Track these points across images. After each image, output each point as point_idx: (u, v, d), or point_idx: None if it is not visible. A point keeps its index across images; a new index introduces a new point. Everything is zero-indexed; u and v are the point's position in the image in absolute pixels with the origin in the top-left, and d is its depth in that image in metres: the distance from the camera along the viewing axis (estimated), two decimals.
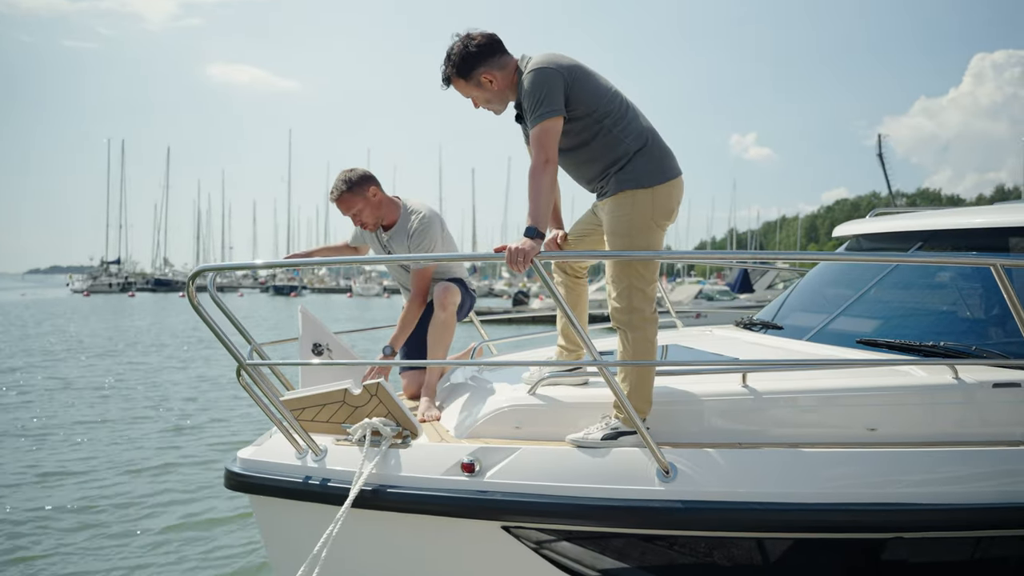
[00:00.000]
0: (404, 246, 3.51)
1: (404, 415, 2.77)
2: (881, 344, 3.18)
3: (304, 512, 2.73)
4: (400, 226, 3.53)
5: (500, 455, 2.55)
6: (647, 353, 2.60)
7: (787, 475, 2.43)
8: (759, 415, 2.63)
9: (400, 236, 3.53)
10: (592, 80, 2.62)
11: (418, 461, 2.62)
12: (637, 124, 2.64)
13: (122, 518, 5.34)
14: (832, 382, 2.69)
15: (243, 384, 2.68)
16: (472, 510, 2.51)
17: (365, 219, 3.44)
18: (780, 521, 2.39)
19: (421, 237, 3.47)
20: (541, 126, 2.51)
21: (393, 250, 3.55)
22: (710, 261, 6.14)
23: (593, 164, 2.67)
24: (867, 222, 4.26)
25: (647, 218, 2.59)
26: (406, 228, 3.51)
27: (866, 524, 2.40)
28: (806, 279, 4.50)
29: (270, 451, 2.85)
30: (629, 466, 2.47)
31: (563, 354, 3.01)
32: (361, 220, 3.45)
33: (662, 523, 2.41)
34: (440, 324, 3.36)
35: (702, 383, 2.75)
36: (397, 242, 3.54)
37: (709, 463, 2.45)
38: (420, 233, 3.47)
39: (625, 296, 2.58)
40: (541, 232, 2.45)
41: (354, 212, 3.41)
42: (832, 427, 2.62)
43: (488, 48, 2.68)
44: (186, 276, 37.14)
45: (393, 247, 3.55)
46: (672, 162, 2.66)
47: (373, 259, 3.01)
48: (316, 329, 3.35)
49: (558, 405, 2.73)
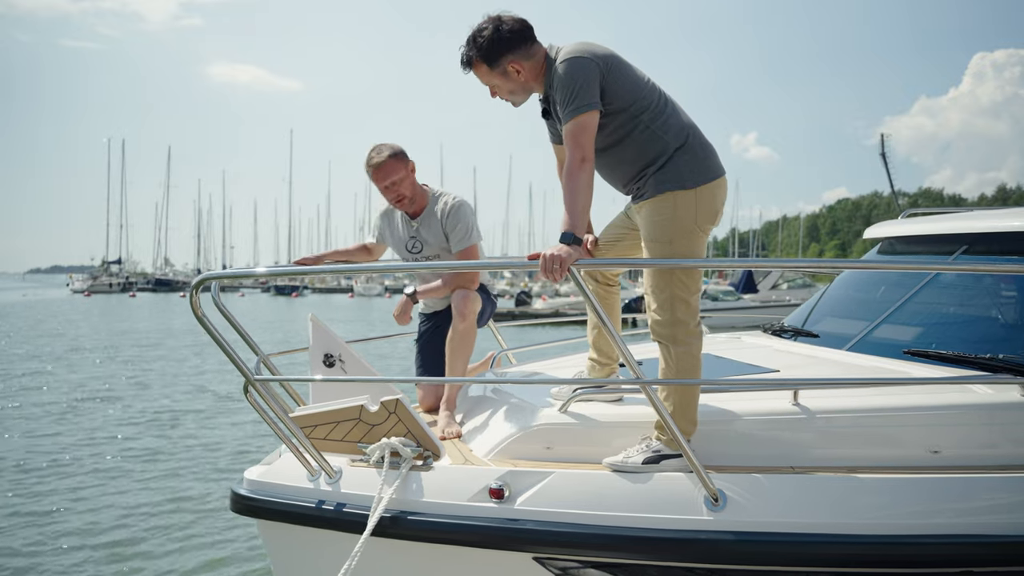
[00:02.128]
0: (437, 232, 3.34)
1: (425, 434, 2.56)
2: (932, 356, 2.97)
3: (318, 539, 2.52)
4: (429, 211, 3.36)
5: (531, 480, 2.34)
6: (692, 369, 2.39)
7: (847, 503, 2.22)
8: (812, 436, 2.42)
9: (430, 221, 3.36)
10: (629, 71, 2.41)
11: (442, 485, 2.41)
12: (677, 120, 2.43)
13: (120, 540, 5.10)
14: (890, 400, 2.48)
15: (251, 401, 2.48)
16: (501, 540, 2.30)
17: (404, 190, 3.25)
18: (841, 555, 2.17)
19: (457, 217, 3.30)
20: (576, 121, 2.30)
21: (423, 238, 3.38)
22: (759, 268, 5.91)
23: (629, 164, 2.45)
24: (901, 224, 4.04)
25: (690, 222, 2.37)
26: (436, 212, 3.34)
27: (933, 558, 2.19)
28: (837, 283, 4.28)
29: (280, 472, 2.63)
30: (674, 493, 2.26)
31: (595, 368, 2.79)
32: (399, 191, 3.25)
33: (712, 556, 2.20)
34: (460, 334, 3.15)
35: (747, 400, 2.54)
36: (427, 228, 3.36)
37: (761, 490, 2.24)
38: (455, 212, 3.30)
39: (667, 308, 2.37)
40: (579, 238, 2.23)
41: (394, 180, 3.21)
42: (891, 449, 2.41)
43: (519, 35, 2.46)
44: (187, 276, 37.33)
45: (423, 235, 3.38)
46: (715, 160, 2.45)
47: (398, 267, 2.80)
48: (327, 339, 3.14)
49: (592, 424, 2.53)
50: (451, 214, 3.32)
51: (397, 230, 3.47)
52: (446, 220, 3.33)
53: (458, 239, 3.32)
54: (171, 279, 71.40)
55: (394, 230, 3.48)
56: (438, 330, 3.54)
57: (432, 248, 3.38)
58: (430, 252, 3.39)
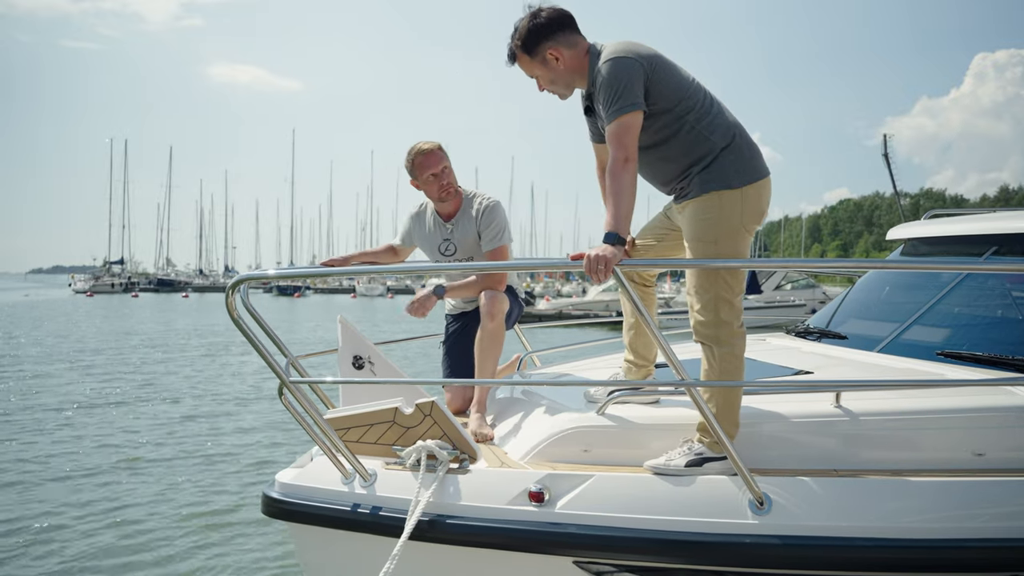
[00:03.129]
0: (471, 233, 3.34)
1: (462, 437, 2.53)
2: (967, 357, 2.94)
3: (352, 543, 2.49)
4: (464, 212, 3.37)
5: (571, 483, 2.31)
6: (735, 371, 2.36)
7: (894, 507, 2.19)
8: (856, 439, 2.40)
9: (465, 222, 3.36)
10: (674, 72, 2.38)
11: (480, 488, 2.38)
12: (723, 119, 2.40)
13: (144, 544, 5.06)
14: (933, 402, 2.46)
15: (285, 403, 2.46)
16: (542, 544, 2.28)
17: (450, 179, 3.30)
18: (889, 559, 2.15)
19: (490, 217, 3.32)
20: (620, 121, 2.28)
21: (457, 240, 3.37)
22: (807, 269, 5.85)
23: (673, 163, 2.43)
24: (925, 225, 4.01)
25: (735, 222, 2.35)
26: (471, 213, 3.35)
27: (981, 562, 2.17)
28: (860, 285, 4.25)
29: (313, 475, 2.60)
30: (718, 496, 2.23)
31: (632, 370, 2.77)
32: (445, 181, 3.28)
33: (758, 561, 2.17)
34: (489, 335, 3.12)
35: (788, 403, 2.51)
36: (462, 230, 3.36)
37: (806, 493, 2.21)
38: (490, 212, 3.33)
39: (711, 308, 2.34)
40: (623, 238, 2.21)
41: (443, 168, 3.26)
42: (935, 452, 2.39)
43: (556, 23, 2.46)
44: (189, 276, 37.12)
45: (457, 237, 3.37)
46: (761, 160, 2.42)
47: (431, 267, 2.76)
48: (356, 341, 3.11)
49: (631, 427, 2.50)
50: (486, 214, 3.32)
51: (429, 232, 3.45)
52: (480, 220, 3.32)
53: (489, 239, 3.31)
54: (173, 279, 71.48)
55: (425, 232, 3.46)
56: (465, 331, 3.52)
57: (465, 251, 3.37)
58: (463, 255, 3.38)
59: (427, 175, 3.25)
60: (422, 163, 3.24)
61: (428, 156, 3.24)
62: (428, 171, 3.24)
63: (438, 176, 3.25)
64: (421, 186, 3.32)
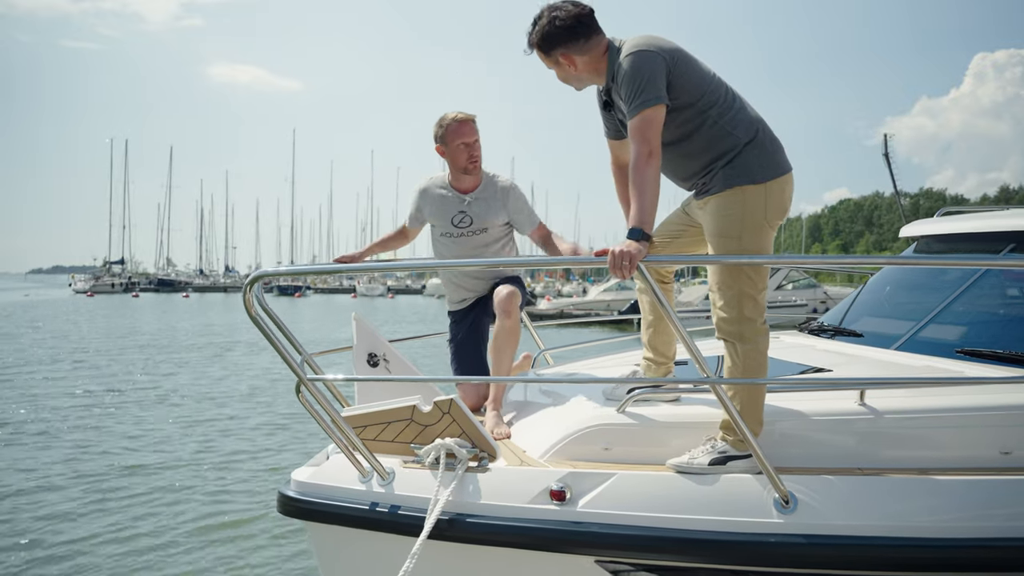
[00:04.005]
0: (493, 208, 3.37)
1: (481, 435, 2.51)
2: (987, 355, 2.92)
3: (370, 542, 2.47)
4: (484, 189, 3.40)
5: (593, 481, 2.28)
6: (759, 368, 2.34)
7: (921, 506, 2.17)
8: (880, 437, 2.37)
9: (485, 198, 3.38)
10: (695, 66, 2.36)
11: (500, 487, 2.36)
12: (746, 115, 2.38)
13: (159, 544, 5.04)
14: (959, 400, 2.43)
15: (302, 401, 2.43)
16: (564, 543, 2.25)
17: (478, 153, 3.34)
18: (917, 559, 2.12)
19: (519, 195, 3.41)
20: (643, 115, 2.25)
21: (473, 212, 3.38)
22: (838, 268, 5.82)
23: (695, 158, 2.40)
24: (940, 222, 3.98)
25: (759, 217, 2.32)
26: (493, 191, 3.39)
27: (1010, 561, 2.14)
28: (874, 282, 4.22)
29: (329, 473, 2.58)
30: (742, 495, 2.21)
31: (651, 367, 2.74)
32: (475, 152, 3.32)
33: (784, 560, 2.14)
34: (506, 332, 3.09)
35: (810, 400, 2.49)
36: (482, 203, 3.38)
37: (831, 492, 2.19)
38: (516, 193, 3.40)
39: (735, 305, 2.32)
40: (647, 233, 2.18)
41: (475, 139, 3.32)
42: (961, 450, 2.36)
43: (571, 31, 2.42)
44: (189, 276, 37.08)
45: (474, 209, 3.38)
46: (784, 156, 2.40)
47: (447, 263, 2.73)
48: (371, 338, 3.09)
49: (651, 425, 2.47)
50: (511, 194, 3.40)
51: (439, 205, 3.43)
52: (507, 199, 3.38)
53: (527, 217, 3.42)
54: (173, 279, 71.44)
55: (437, 205, 3.44)
56: (473, 328, 3.49)
57: (480, 225, 3.38)
58: (478, 227, 3.39)
59: (459, 143, 3.28)
60: (456, 130, 3.28)
61: (463, 124, 3.28)
62: (460, 139, 3.28)
63: (469, 146, 3.30)
64: (448, 153, 3.34)
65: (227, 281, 74.08)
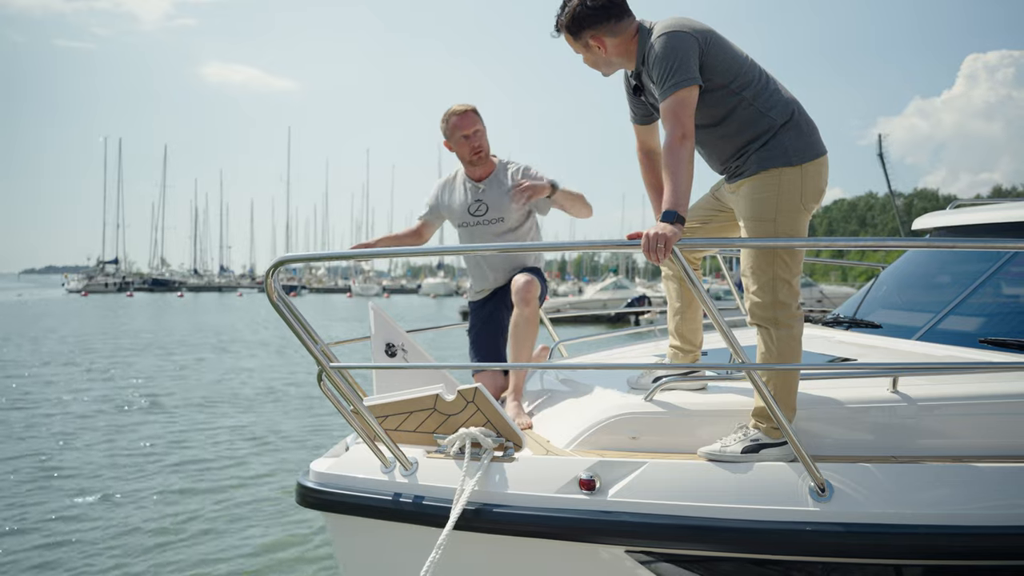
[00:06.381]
0: (503, 189, 3.34)
1: (506, 424, 2.46)
2: (1011, 344, 2.88)
3: (392, 534, 2.42)
4: (497, 175, 3.39)
5: (623, 470, 2.24)
6: (794, 353, 2.29)
7: (959, 493, 2.13)
8: (915, 425, 2.33)
9: (498, 184, 3.36)
10: (728, 47, 2.31)
11: (527, 477, 2.31)
12: (780, 96, 2.33)
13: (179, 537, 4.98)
14: (994, 387, 2.39)
15: (324, 390, 2.39)
16: (593, 532, 2.20)
17: (482, 141, 3.35)
18: (955, 547, 2.08)
19: (529, 170, 3.39)
20: (675, 96, 2.20)
21: (488, 200, 3.37)
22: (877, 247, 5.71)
23: (729, 141, 2.36)
24: (953, 214, 3.96)
25: (795, 199, 2.28)
26: (505, 176, 3.37)
27: None
28: (889, 273, 4.20)
29: (350, 464, 2.52)
30: (777, 483, 2.16)
31: (678, 355, 2.69)
32: (476, 143, 3.33)
33: (820, 549, 2.10)
34: (524, 321, 3.05)
35: (842, 388, 2.44)
36: (496, 190, 3.37)
37: (868, 480, 2.15)
38: (527, 168, 3.39)
39: (769, 289, 2.27)
40: (682, 216, 2.14)
41: (474, 130, 3.32)
42: (996, 438, 2.32)
43: (602, 12, 2.37)
44: (183, 276, 37.03)
45: (489, 197, 3.37)
46: (819, 138, 2.35)
47: (473, 248, 2.67)
48: (389, 329, 3.04)
49: (680, 413, 2.43)
50: (524, 171, 3.39)
51: (457, 196, 3.43)
52: (518, 176, 3.36)
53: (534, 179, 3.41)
54: (168, 279, 71.18)
55: (455, 196, 3.44)
56: (492, 317, 3.44)
57: (497, 212, 3.35)
58: (494, 215, 3.36)
59: (459, 136, 3.31)
60: (456, 124, 3.30)
61: (462, 117, 3.30)
62: (460, 132, 3.30)
63: (469, 138, 3.31)
64: (453, 147, 3.36)
65: (222, 281, 73.90)
